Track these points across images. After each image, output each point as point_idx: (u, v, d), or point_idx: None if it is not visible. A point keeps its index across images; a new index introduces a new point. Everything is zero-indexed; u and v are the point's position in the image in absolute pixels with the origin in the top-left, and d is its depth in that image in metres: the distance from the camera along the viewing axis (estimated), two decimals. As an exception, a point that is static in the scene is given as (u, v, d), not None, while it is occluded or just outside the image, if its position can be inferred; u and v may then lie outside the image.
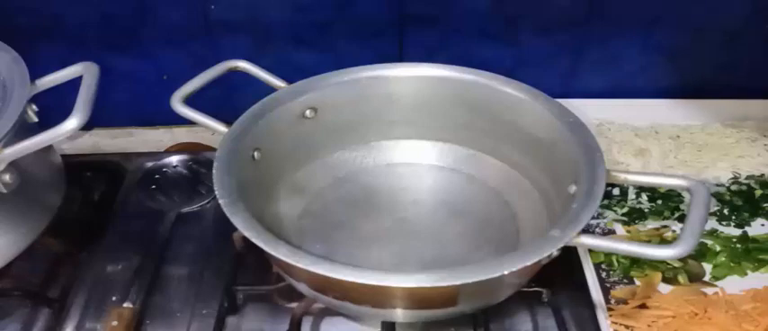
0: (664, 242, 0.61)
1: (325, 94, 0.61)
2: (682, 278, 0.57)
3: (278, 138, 0.59)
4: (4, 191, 0.51)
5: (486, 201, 0.62)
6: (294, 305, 0.54)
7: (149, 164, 0.72)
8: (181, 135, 0.81)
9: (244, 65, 0.61)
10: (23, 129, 0.51)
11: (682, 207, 0.64)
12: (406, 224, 0.61)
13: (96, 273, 0.60)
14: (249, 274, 0.58)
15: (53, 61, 0.57)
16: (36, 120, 0.54)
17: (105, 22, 0.72)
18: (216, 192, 0.49)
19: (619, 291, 0.56)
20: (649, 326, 0.53)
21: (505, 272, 0.42)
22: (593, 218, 0.46)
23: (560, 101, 0.57)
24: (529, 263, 0.43)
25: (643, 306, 0.55)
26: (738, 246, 0.60)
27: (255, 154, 0.57)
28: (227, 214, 0.47)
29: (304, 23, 0.73)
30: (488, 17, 0.72)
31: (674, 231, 0.62)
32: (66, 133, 0.50)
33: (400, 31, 0.74)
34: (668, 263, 0.58)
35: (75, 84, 0.54)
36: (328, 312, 0.55)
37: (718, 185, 0.67)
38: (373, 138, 0.66)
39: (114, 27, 0.73)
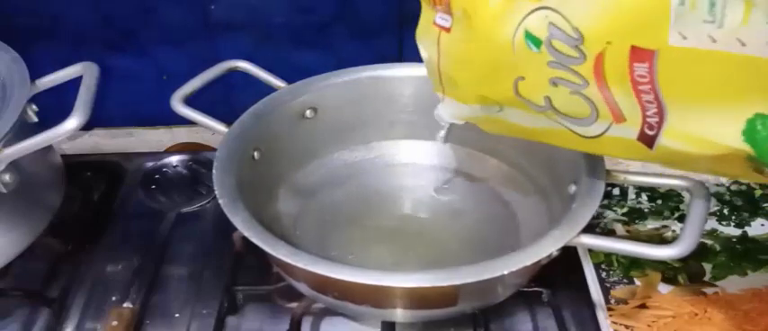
0: (664, 242, 0.61)
1: (326, 94, 0.61)
2: (682, 278, 0.57)
3: (278, 138, 0.59)
4: (4, 191, 0.51)
5: (486, 201, 0.62)
6: (294, 305, 0.54)
7: (149, 164, 0.72)
8: (181, 135, 0.81)
9: (244, 65, 0.61)
10: (23, 129, 0.51)
11: (682, 207, 0.64)
12: (405, 224, 0.61)
13: (96, 273, 0.60)
14: (249, 274, 0.58)
15: (53, 61, 0.57)
16: (36, 120, 0.54)
17: (105, 22, 0.72)
18: (216, 192, 0.49)
19: (619, 291, 0.56)
20: (649, 326, 0.53)
21: (505, 272, 0.43)
22: (593, 218, 0.46)
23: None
24: (529, 263, 0.43)
25: (643, 306, 0.55)
26: (738, 246, 0.60)
27: (255, 154, 0.57)
28: (227, 214, 0.47)
29: (304, 23, 0.73)
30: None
31: (673, 231, 0.62)
32: (66, 133, 0.50)
33: (400, 31, 0.74)
34: (668, 263, 0.58)
35: (75, 84, 0.54)
36: (328, 312, 0.55)
37: (718, 185, 0.67)
38: (373, 138, 0.66)
39: (114, 27, 0.73)
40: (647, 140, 0.38)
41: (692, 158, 0.37)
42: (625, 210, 0.64)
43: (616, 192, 0.66)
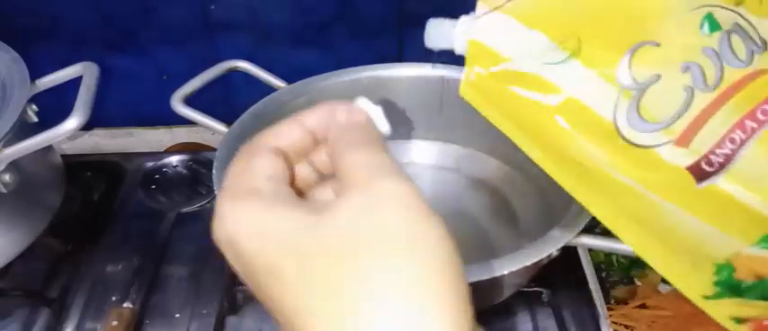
0: (664, 242, 0.61)
1: (325, 94, 0.61)
2: (682, 278, 0.57)
3: (278, 138, 0.59)
4: (4, 191, 0.51)
5: (486, 200, 0.62)
6: (294, 305, 0.54)
7: (149, 164, 0.72)
8: (181, 135, 0.81)
9: (244, 65, 0.61)
10: (23, 129, 0.51)
11: (682, 207, 0.64)
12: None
13: (96, 273, 0.60)
14: (249, 274, 0.58)
15: (53, 61, 0.57)
16: (36, 120, 0.54)
17: (105, 22, 0.72)
18: (216, 192, 0.49)
19: (619, 291, 0.56)
20: (649, 326, 0.53)
21: (505, 273, 0.43)
22: (593, 218, 0.46)
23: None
24: (529, 264, 0.43)
25: (643, 306, 0.55)
26: (738, 245, 0.60)
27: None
28: (227, 214, 0.47)
29: (304, 23, 0.73)
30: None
31: (674, 231, 0.62)
32: (66, 133, 0.50)
33: (400, 31, 0.74)
34: (668, 263, 0.58)
35: (75, 84, 0.54)
36: (328, 312, 0.55)
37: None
38: (373, 138, 0.65)
39: (114, 27, 0.73)
40: (700, 174, 0.35)
41: (732, 211, 0.35)
42: (625, 210, 0.64)
43: (616, 192, 0.66)
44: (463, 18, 0.41)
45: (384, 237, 0.23)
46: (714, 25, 0.36)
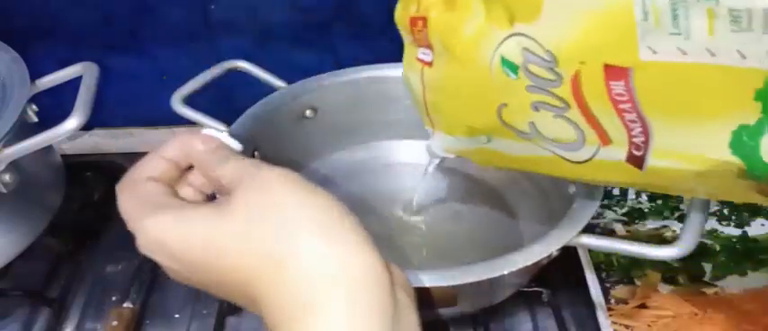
0: (664, 242, 0.61)
1: (325, 94, 0.61)
2: (682, 278, 0.57)
3: (278, 138, 0.59)
4: (4, 191, 0.51)
5: (486, 200, 0.62)
6: (294, 305, 0.54)
7: (149, 164, 0.72)
8: (181, 135, 0.81)
9: (244, 65, 0.61)
10: (23, 129, 0.51)
11: (682, 207, 0.64)
12: (405, 224, 0.61)
13: (96, 273, 0.60)
14: (249, 274, 0.58)
15: (53, 61, 0.57)
16: (36, 120, 0.54)
17: (105, 22, 0.72)
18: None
19: (619, 291, 0.56)
20: (649, 326, 0.53)
21: (505, 272, 0.43)
22: (593, 218, 0.46)
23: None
24: (529, 263, 0.43)
25: (643, 306, 0.55)
26: (738, 246, 0.60)
27: (255, 154, 0.57)
28: (227, 214, 0.47)
29: (304, 23, 0.73)
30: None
31: (673, 231, 0.62)
32: (66, 133, 0.50)
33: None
34: (668, 263, 0.58)
35: (75, 84, 0.54)
36: (328, 312, 0.55)
37: (718, 185, 0.67)
38: (373, 139, 0.66)
39: (114, 27, 0.72)
40: (636, 161, 0.36)
41: (683, 177, 0.35)
42: (625, 209, 0.64)
43: (616, 191, 0.66)
44: (428, 142, 0.52)
45: (284, 204, 0.32)
46: (511, 67, 0.38)
